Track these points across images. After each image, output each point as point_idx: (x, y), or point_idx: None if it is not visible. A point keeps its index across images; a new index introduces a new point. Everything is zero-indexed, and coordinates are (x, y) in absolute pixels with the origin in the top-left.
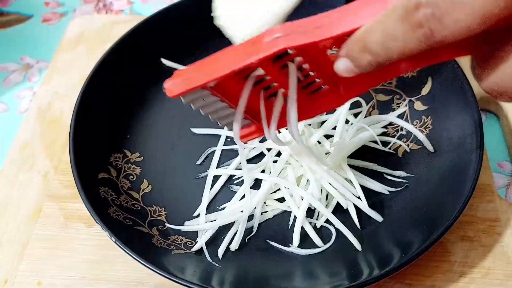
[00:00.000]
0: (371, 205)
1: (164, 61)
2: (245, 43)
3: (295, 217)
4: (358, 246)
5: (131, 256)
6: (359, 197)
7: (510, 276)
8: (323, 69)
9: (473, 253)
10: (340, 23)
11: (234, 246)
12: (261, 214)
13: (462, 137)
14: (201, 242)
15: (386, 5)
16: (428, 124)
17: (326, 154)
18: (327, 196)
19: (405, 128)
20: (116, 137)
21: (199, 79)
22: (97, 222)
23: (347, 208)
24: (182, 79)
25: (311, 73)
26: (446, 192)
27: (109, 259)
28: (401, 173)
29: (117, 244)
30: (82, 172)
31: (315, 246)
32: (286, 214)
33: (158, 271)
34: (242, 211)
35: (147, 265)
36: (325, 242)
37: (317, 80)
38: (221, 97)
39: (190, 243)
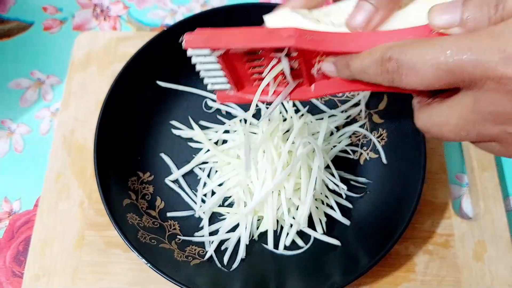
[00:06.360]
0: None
1: (160, 83)
2: (263, 30)
3: (281, 227)
4: (337, 242)
5: (164, 277)
6: (331, 206)
7: (458, 281)
8: (307, 68)
9: (431, 264)
10: (339, 44)
11: (241, 254)
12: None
13: (409, 152)
14: (210, 251)
15: (375, 43)
16: (383, 136)
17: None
18: None
19: (367, 138)
20: (130, 161)
21: (219, 42)
22: (133, 252)
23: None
24: (203, 37)
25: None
26: (396, 203)
27: (148, 280)
28: (364, 180)
29: (151, 268)
30: (111, 204)
31: (299, 247)
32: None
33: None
34: (238, 223)
35: (177, 283)
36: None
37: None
38: (223, 66)
39: (202, 251)
